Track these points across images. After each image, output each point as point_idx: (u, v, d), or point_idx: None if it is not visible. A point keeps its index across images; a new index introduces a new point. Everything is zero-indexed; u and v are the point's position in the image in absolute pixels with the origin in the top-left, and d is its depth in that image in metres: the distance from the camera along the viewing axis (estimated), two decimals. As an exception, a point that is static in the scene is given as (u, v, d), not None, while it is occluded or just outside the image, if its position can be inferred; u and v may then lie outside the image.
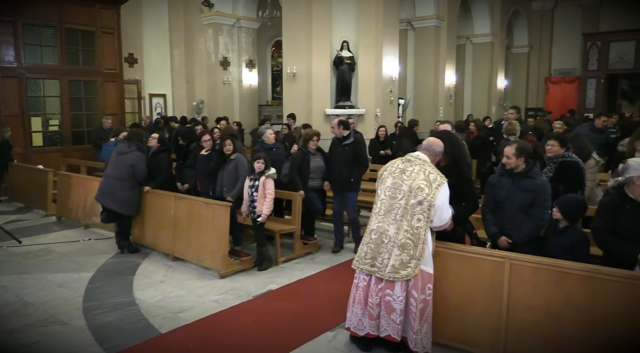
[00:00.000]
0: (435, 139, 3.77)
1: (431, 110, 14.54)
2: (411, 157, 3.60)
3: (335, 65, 11.30)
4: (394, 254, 3.42)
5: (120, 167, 6.07)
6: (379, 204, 3.56)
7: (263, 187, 5.44)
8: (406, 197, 3.45)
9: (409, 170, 3.51)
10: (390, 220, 3.46)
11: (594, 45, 19.93)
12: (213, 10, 14.01)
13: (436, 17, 14.40)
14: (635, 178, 3.39)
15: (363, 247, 3.59)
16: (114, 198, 6.05)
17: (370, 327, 3.57)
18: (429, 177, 3.44)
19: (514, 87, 21.53)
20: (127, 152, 6.10)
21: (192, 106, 14.36)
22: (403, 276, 3.39)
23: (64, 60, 10.89)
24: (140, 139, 6.28)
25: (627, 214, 3.43)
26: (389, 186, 3.54)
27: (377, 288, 3.51)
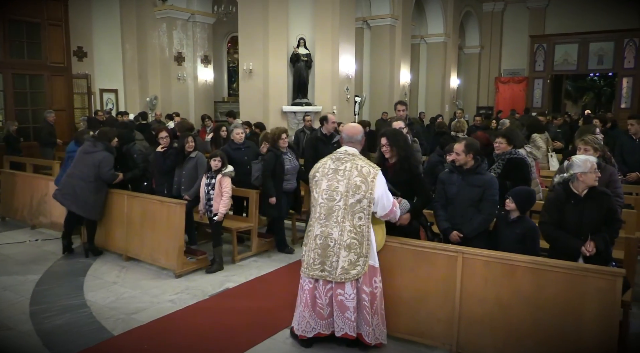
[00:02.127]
0: (352, 126, 3.75)
1: (387, 107, 14.73)
2: (340, 155, 3.59)
3: (292, 62, 11.28)
4: (341, 256, 3.44)
5: (85, 167, 5.69)
6: (319, 209, 3.53)
7: (220, 185, 5.35)
8: (344, 198, 3.45)
9: (341, 169, 3.50)
10: (333, 223, 3.47)
11: (540, 47, 20.74)
12: (167, 4, 13.70)
13: (391, 17, 14.61)
14: (579, 174, 3.57)
15: (310, 253, 3.56)
16: (76, 200, 5.67)
17: (321, 327, 3.60)
18: (362, 171, 3.46)
19: (465, 86, 22.14)
20: (92, 152, 5.72)
21: (145, 102, 14.00)
22: (353, 275, 3.44)
23: (7, 53, 10.39)
24: (108, 138, 5.89)
25: (571, 209, 3.63)
26: (325, 189, 3.52)
27: (326, 289, 3.55)
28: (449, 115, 17.34)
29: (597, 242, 3.50)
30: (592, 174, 3.56)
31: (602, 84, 23.36)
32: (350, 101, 12.31)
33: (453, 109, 18.52)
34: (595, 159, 3.71)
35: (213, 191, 5.37)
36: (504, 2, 21.89)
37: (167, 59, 14.08)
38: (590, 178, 3.56)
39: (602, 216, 3.58)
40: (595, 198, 3.59)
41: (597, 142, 4.46)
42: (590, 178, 3.56)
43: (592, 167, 3.56)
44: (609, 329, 3.10)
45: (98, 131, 6.15)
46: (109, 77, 13.78)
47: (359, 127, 3.76)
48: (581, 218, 3.58)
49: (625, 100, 19.05)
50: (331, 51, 11.36)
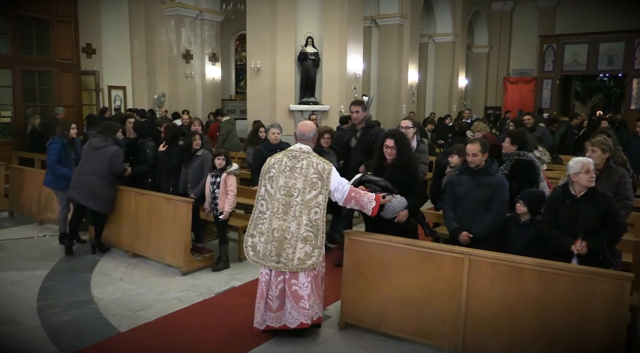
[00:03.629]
0: (304, 124, 3.91)
1: (394, 107, 14.72)
2: (295, 152, 3.75)
3: (299, 60, 11.26)
4: (298, 248, 3.61)
5: (97, 162, 5.69)
6: (276, 204, 3.67)
7: (225, 183, 5.34)
8: (302, 194, 3.64)
9: (298, 167, 3.69)
10: (290, 218, 3.63)
11: (549, 47, 20.60)
12: (175, 2, 13.74)
13: (399, 16, 14.56)
14: (572, 175, 3.61)
15: (267, 245, 3.67)
16: (92, 196, 5.68)
17: (271, 320, 3.75)
18: (318, 168, 3.67)
19: (474, 86, 22.04)
20: (103, 147, 5.72)
21: (153, 99, 14.04)
22: (309, 265, 3.62)
23: (16, 49, 10.43)
24: (115, 131, 5.92)
25: (566, 209, 3.65)
26: (282, 185, 3.68)
27: (278, 280, 3.70)
28: (456, 115, 17.27)
29: (589, 242, 3.48)
30: (584, 175, 3.56)
31: (612, 84, 23.19)
32: (357, 100, 12.27)
33: (461, 109, 18.45)
34: (590, 160, 3.69)
35: (218, 190, 5.37)
36: (513, 2, 21.75)
37: (175, 57, 14.11)
38: (582, 179, 3.57)
39: (600, 218, 3.56)
40: (594, 199, 3.58)
41: (605, 143, 4.42)
42: (583, 179, 3.57)
43: (584, 167, 3.56)
44: (616, 333, 3.08)
45: (103, 125, 6.14)
46: (117, 74, 13.82)
47: (310, 124, 3.93)
48: (576, 218, 3.58)
49: (635, 101, 18.91)
50: (339, 50, 11.34)
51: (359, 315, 4.02)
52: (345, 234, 4.12)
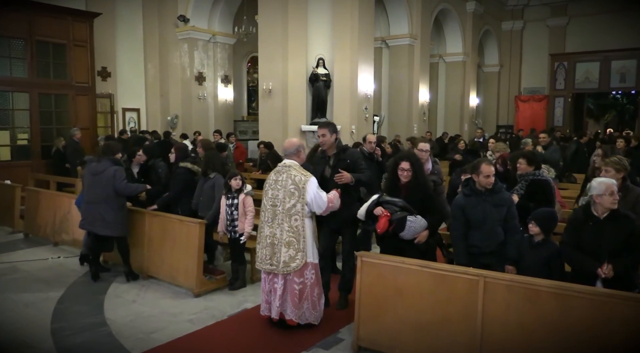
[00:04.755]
0: (288, 141, 4.35)
1: (405, 126, 14.73)
2: (279, 167, 4.28)
3: (310, 81, 11.37)
4: (282, 252, 4.13)
5: (101, 188, 5.56)
6: (266, 213, 4.24)
7: (243, 205, 5.33)
8: (283, 203, 4.15)
9: (280, 179, 4.20)
10: (276, 225, 4.18)
11: (561, 65, 20.61)
12: (188, 25, 13.98)
13: (410, 36, 14.68)
14: (595, 196, 3.54)
15: (263, 250, 4.25)
16: (104, 223, 5.55)
17: (266, 310, 4.41)
18: (295, 180, 4.13)
19: (485, 105, 22.02)
20: (102, 171, 5.58)
21: (166, 121, 14.21)
22: (293, 268, 4.13)
23: (34, 73, 10.69)
24: (112, 151, 5.83)
25: (589, 231, 3.58)
26: (270, 197, 4.24)
27: (268, 278, 4.31)
28: (468, 134, 17.24)
29: (615, 265, 3.41)
30: (608, 197, 3.50)
31: (625, 101, 23.07)
32: (368, 120, 12.32)
33: (472, 128, 18.42)
34: (614, 182, 3.64)
35: (237, 211, 5.34)
36: (523, 21, 21.86)
37: (188, 79, 14.32)
38: (606, 201, 3.51)
39: (624, 240, 3.49)
40: (617, 221, 3.52)
41: (619, 163, 4.38)
42: (607, 201, 3.51)
43: (608, 189, 3.51)
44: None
45: (103, 146, 6.12)
46: (131, 97, 14.03)
47: (293, 140, 4.37)
48: (600, 240, 3.51)
49: (649, 118, 18.76)
50: (350, 71, 11.42)
51: (372, 338, 3.97)
52: (357, 256, 4.10)
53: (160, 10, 14.16)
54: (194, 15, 14.00)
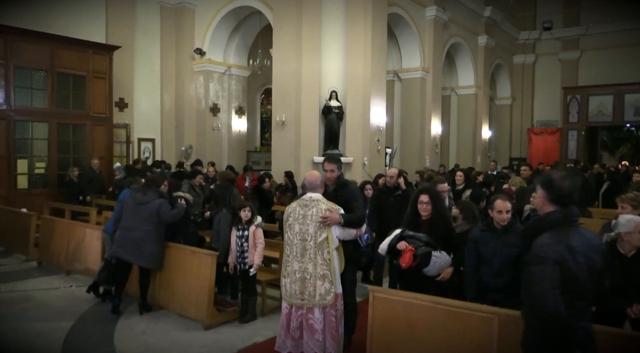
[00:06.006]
0: (310, 175, 4.26)
1: (417, 159, 14.75)
2: (306, 201, 4.16)
3: (323, 113, 11.50)
4: (318, 285, 4.05)
5: (142, 218, 5.57)
6: (295, 248, 4.13)
7: (253, 236, 5.34)
8: (314, 238, 4.07)
9: (309, 214, 4.11)
10: (307, 260, 4.08)
11: (573, 99, 20.63)
12: (205, 58, 14.30)
13: (422, 69, 14.84)
14: (623, 234, 3.48)
15: (292, 285, 4.13)
16: (142, 253, 5.54)
17: (292, 347, 4.15)
18: (325, 214, 4.06)
19: (497, 138, 22.02)
20: (146, 202, 5.62)
21: (181, 151, 14.39)
22: (329, 301, 4.05)
23: (54, 103, 10.95)
24: (157, 184, 5.92)
25: (616, 269, 3.48)
26: (298, 232, 4.13)
27: (297, 314, 4.13)
28: (481, 167, 17.19)
29: None
30: (637, 235, 3.44)
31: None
32: (381, 152, 12.38)
33: (485, 161, 18.37)
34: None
35: (247, 243, 5.36)
36: (535, 55, 22.06)
37: (203, 110, 14.55)
38: (635, 239, 3.45)
39: None
40: None
41: (636, 199, 4.33)
42: (636, 239, 3.45)
43: (638, 227, 3.45)
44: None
45: (146, 179, 6.17)
46: (147, 127, 14.26)
47: (316, 174, 4.27)
48: (628, 279, 3.43)
49: (664, 151, 18.59)
50: (362, 103, 11.55)
51: (384, 376, 3.90)
52: (370, 291, 4.07)
53: (178, 44, 14.52)
54: (210, 48, 14.33)
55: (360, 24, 11.47)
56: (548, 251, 2.43)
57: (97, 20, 12.87)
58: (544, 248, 2.45)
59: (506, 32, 20.84)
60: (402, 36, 14.80)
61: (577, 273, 2.42)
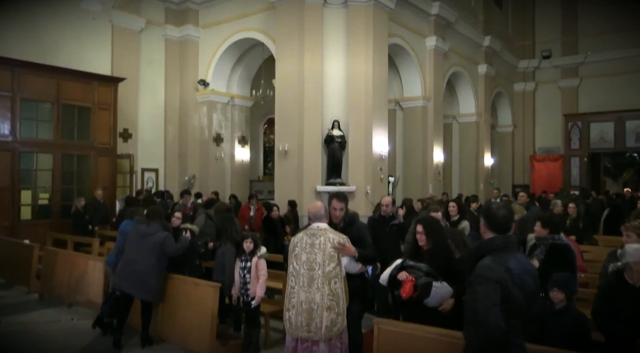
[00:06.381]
0: (314, 206, 4.25)
1: (420, 187, 14.74)
2: (314, 231, 4.13)
3: (326, 143, 11.57)
4: (324, 317, 3.96)
5: (146, 250, 5.51)
6: (301, 278, 4.05)
7: (256, 268, 5.29)
8: (322, 267, 4.02)
9: (317, 243, 4.06)
10: (315, 290, 4.00)
11: (575, 125, 20.72)
12: (208, 89, 14.48)
13: (423, 98, 14.99)
14: (632, 263, 3.44)
15: (297, 317, 4.02)
16: (144, 286, 5.48)
17: None
18: (334, 242, 4.04)
19: (500, 165, 22.03)
20: (150, 234, 5.57)
21: (184, 181, 14.43)
22: (335, 332, 3.96)
23: (58, 134, 11.05)
24: (161, 216, 5.89)
25: (625, 299, 3.45)
26: (305, 261, 4.06)
27: (303, 347, 4.04)
28: (484, 195, 17.16)
29: None
30: None
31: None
32: (384, 181, 12.39)
33: (488, 188, 18.35)
34: None
35: (249, 274, 5.31)
36: (535, 82, 22.28)
37: (206, 140, 14.65)
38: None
39: None
40: None
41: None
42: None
43: None
44: None
45: (148, 210, 6.12)
46: (150, 157, 14.34)
47: (319, 204, 4.29)
48: (637, 310, 3.38)
49: (668, 178, 18.55)
50: (364, 132, 11.64)
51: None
52: (375, 323, 4.02)
53: (182, 75, 14.74)
54: (213, 79, 14.53)
55: (361, 55, 11.66)
56: (490, 272, 2.68)
57: (103, 53, 13.11)
58: (487, 269, 2.70)
59: (506, 60, 21.11)
60: (403, 66, 15.00)
61: (514, 294, 2.66)
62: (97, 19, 10.98)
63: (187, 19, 14.53)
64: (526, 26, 22.59)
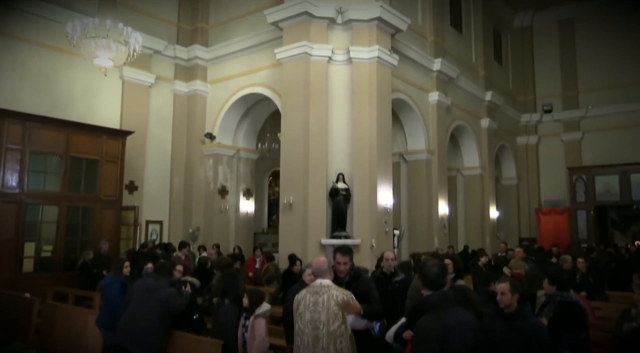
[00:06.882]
0: (317, 261, 4.18)
1: (426, 240, 14.63)
2: (317, 288, 4.03)
3: (330, 196, 11.59)
4: None
5: (150, 306, 5.38)
6: (306, 338, 3.94)
7: (252, 327, 5.05)
8: (326, 326, 3.90)
9: (320, 301, 3.96)
10: (320, 350, 3.88)
11: (579, 178, 20.71)
12: (214, 142, 14.69)
13: (427, 151, 15.13)
14: None
15: None
16: (146, 343, 5.32)
17: None
18: (337, 299, 3.93)
19: (506, 218, 21.88)
20: (157, 289, 5.46)
21: (188, 233, 14.38)
22: None
23: (65, 186, 11.11)
24: (169, 271, 5.82)
25: None
26: (309, 320, 3.96)
27: None
28: (491, 248, 16.96)
29: None
30: None
31: (650, 213, 22.76)
32: (389, 234, 12.31)
33: (494, 241, 18.16)
34: None
35: (247, 333, 5.12)
36: (538, 136, 22.50)
37: (211, 192, 14.72)
38: None
39: None
40: None
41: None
42: None
43: None
44: None
45: (157, 265, 6.03)
46: (155, 209, 14.36)
47: (322, 259, 4.19)
48: None
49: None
50: (369, 185, 11.68)
51: None
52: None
53: (189, 128, 15.01)
54: (220, 133, 14.77)
55: (365, 109, 11.87)
56: (428, 331, 2.83)
57: (112, 106, 13.44)
58: (425, 329, 2.87)
59: (508, 114, 21.43)
60: (407, 119, 15.24)
61: (454, 349, 2.78)
62: (108, 75, 11.29)
63: (196, 75, 14.97)
64: (526, 81, 23.08)
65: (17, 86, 11.68)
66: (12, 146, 10.39)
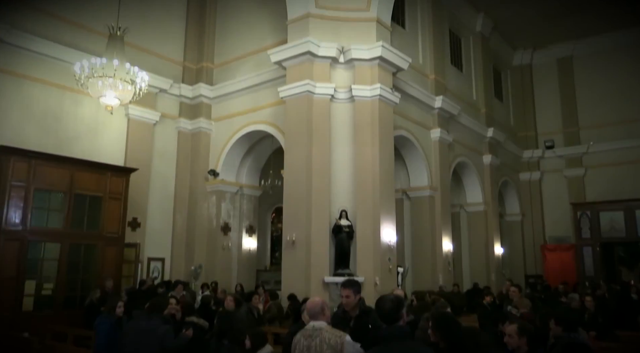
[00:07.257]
0: (310, 302, 4.07)
1: (430, 277, 14.45)
2: (309, 331, 3.92)
3: (334, 233, 11.52)
4: None
5: (145, 345, 5.26)
6: None
7: None
8: None
9: (312, 345, 3.84)
10: None
11: (584, 214, 20.56)
12: (218, 179, 14.73)
13: (430, 188, 15.12)
14: None
15: None
16: None
17: None
18: (330, 343, 3.77)
19: (511, 254, 21.65)
20: (150, 329, 5.34)
21: (190, 270, 14.24)
22: None
23: (68, 224, 11.08)
24: (162, 309, 5.72)
25: None
26: None
27: None
28: (496, 285, 16.72)
29: None
30: None
31: (657, 249, 22.43)
32: (392, 271, 12.16)
33: (500, 278, 17.92)
34: None
35: (246, 377, 5.01)
36: (540, 172, 22.49)
37: (214, 229, 14.66)
38: None
39: None
40: None
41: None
42: None
43: None
44: None
45: (150, 303, 5.92)
46: (157, 246, 14.27)
47: (316, 300, 4.08)
48: None
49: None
50: (372, 222, 11.62)
51: None
52: None
53: (193, 165, 15.08)
54: (223, 169, 14.84)
55: (368, 146, 11.95)
56: None
57: (117, 143, 13.56)
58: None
59: (510, 150, 21.52)
60: (409, 156, 15.31)
61: None
62: (114, 112, 11.43)
63: (200, 113, 15.15)
64: (527, 117, 23.27)
65: (23, 124, 11.84)
66: (17, 183, 10.43)
